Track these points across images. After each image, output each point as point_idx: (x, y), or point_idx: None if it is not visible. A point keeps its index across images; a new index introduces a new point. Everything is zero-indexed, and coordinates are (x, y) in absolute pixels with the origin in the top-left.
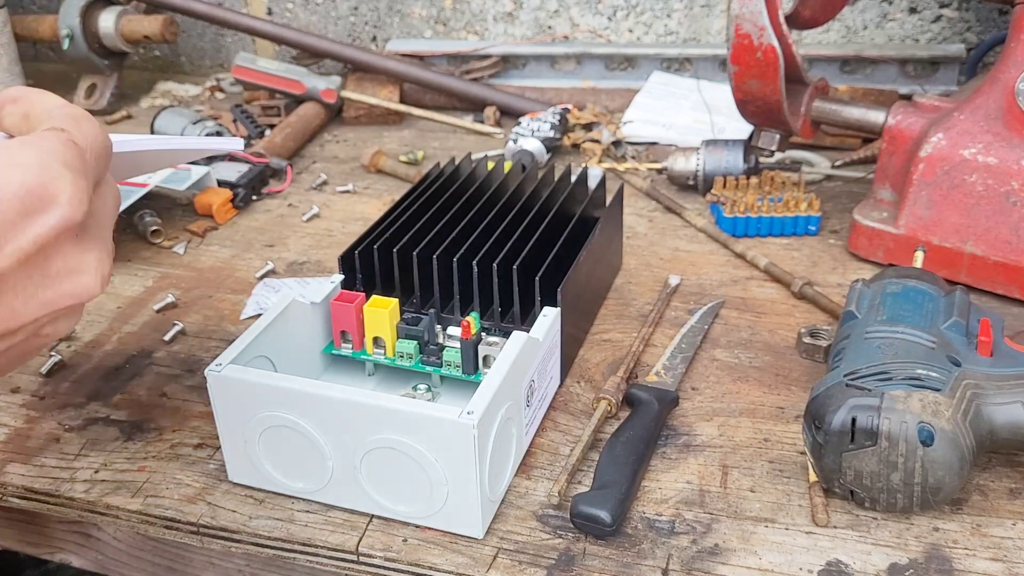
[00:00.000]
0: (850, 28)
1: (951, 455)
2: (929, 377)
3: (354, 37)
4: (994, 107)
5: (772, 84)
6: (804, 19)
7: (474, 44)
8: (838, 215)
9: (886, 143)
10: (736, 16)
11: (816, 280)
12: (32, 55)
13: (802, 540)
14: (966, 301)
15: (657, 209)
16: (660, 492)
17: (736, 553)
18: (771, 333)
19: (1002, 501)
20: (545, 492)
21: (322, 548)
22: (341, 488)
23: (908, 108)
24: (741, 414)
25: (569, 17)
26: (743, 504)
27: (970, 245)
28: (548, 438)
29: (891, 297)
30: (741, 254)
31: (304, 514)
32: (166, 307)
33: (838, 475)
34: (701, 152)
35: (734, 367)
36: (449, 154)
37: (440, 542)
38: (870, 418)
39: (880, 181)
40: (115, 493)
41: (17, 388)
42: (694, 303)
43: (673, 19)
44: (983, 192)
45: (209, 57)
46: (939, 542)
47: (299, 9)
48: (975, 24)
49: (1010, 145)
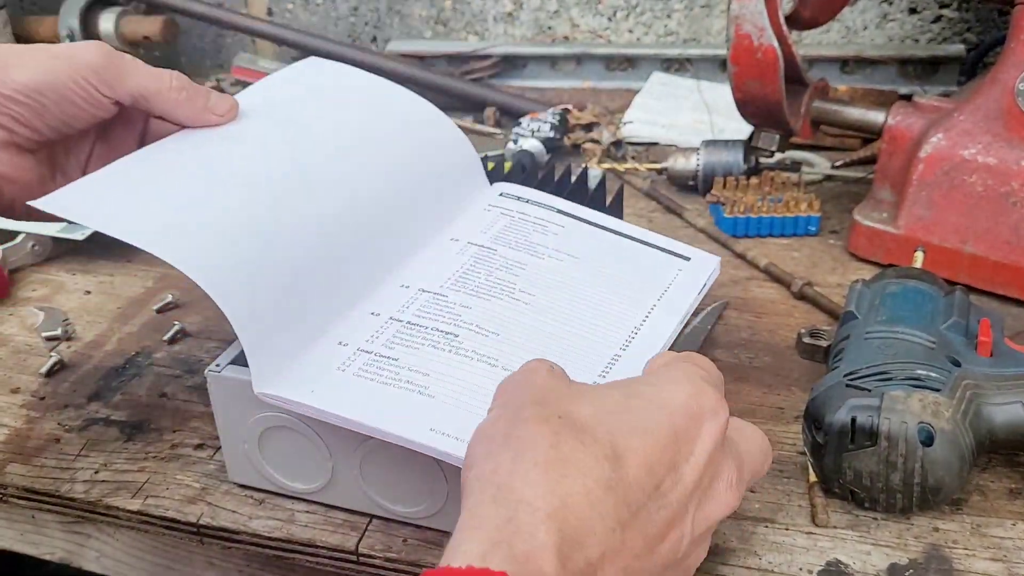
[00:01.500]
0: (850, 28)
1: (951, 455)
2: (929, 377)
3: (354, 37)
4: (994, 107)
5: (772, 84)
6: (804, 19)
7: (474, 45)
8: (838, 215)
9: (886, 143)
10: (736, 16)
11: (816, 280)
12: None
13: (802, 540)
14: (966, 301)
15: (657, 209)
16: None
17: (736, 553)
18: (771, 333)
19: (1002, 501)
20: None
21: (322, 548)
22: (341, 488)
23: (908, 108)
24: (741, 414)
25: (569, 18)
26: (743, 504)
27: (970, 245)
28: None
29: (891, 297)
30: (741, 254)
31: (304, 514)
32: (166, 307)
33: (838, 475)
34: (701, 152)
35: (734, 367)
36: None
37: (440, 542)
38: (870, 418)
39: (880, 181)
40: (115, 493)
41: (17, 388)
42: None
43: (673, 19)
44: (983, 192)
45: (209, 57)
46: (939, 542)
47: (299, 10)
48: (975, 24)
49: (1010, 145)
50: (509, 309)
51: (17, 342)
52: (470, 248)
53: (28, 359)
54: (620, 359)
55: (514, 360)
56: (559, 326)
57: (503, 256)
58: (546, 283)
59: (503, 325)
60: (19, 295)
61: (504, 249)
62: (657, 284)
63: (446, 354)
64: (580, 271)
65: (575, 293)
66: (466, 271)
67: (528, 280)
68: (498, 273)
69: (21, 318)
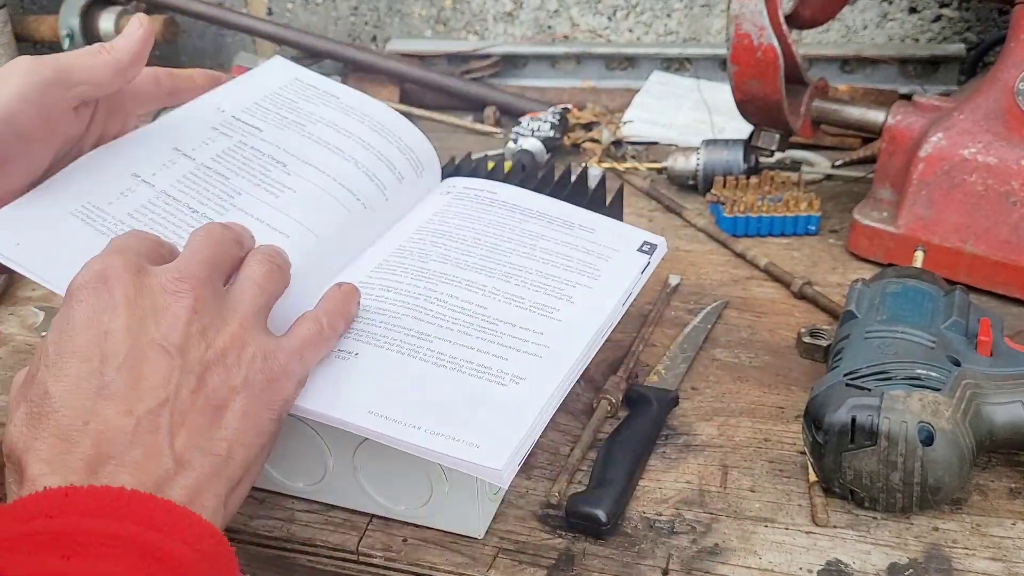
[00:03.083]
0: (850, 28)
1: (951, 455)
2: (929, 377)
3: (354, 37)
4: (994, 107)
5: (772, 84)
6: (804, 19)
7: (474, 44)
8: (838, 215)
9: (886, 143)
10: (736, 16)
11: (816, 280)
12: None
13: (802, 540)
14: (966, 301)
15: (657, 209)
16: (660, 492)
17: (736, 553)
18: (771, 333)
19: (1002, 501)
20: (545, 492)
21: (322, 548)
22: (341, 488)
23: (908, 108)
24: (741, 414)
25: (569, 17)
26: (743, 504)
27: (970, 245)
28: (548, 438)
29: (891, 297)
30: (741, 254)
31: (304, 514)
32: None
33: (838, 475)
34: (701, 152)
35: (734, 367)
36: (449, 154)
37: (440, 542)
38: (870, 418)
39: (880, 181)
40: None
41: None
42: (694, 303)
43: (673, 19)
44: (983, 192)
45: (209, 57)
46: (939, 542)
47: (299, 9)
48: (975, 24)
49: (1010, 145)
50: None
51: (17, 342)
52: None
53: (28, 359)
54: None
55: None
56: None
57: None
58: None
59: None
60: (19, 295)
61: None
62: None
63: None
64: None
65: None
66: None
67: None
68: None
69: (21, 318)
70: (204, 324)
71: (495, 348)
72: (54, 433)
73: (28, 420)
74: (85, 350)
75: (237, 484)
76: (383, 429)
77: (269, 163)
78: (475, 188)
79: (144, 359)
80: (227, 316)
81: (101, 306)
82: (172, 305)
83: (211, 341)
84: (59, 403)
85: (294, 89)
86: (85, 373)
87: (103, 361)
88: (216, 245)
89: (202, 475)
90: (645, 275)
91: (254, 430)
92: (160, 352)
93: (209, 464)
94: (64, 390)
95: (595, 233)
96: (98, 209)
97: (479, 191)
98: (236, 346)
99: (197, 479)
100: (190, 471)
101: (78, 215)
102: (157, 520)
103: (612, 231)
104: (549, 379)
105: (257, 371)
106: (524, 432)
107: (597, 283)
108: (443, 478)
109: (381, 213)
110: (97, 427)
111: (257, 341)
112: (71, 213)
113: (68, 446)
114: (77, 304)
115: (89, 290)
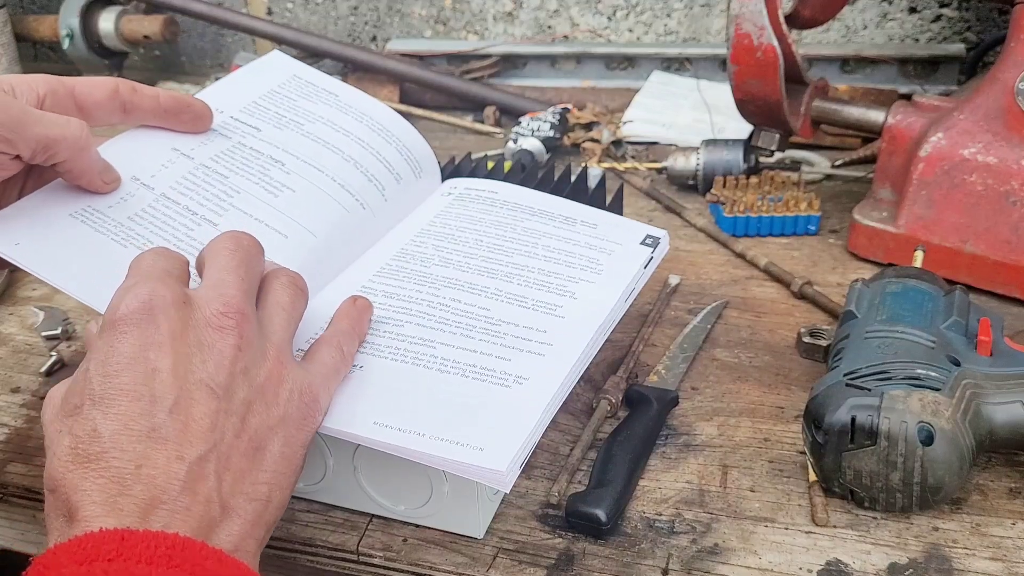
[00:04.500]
0: (850, 28)
1: (951, 455)
2: (929, 377)
3: (354, 37)
4: (994, 107)
5: (772, 84)
6: (804, 19)
7: (474, 44)
8: (838, 215)
9: (886, 143)
10: (736, 16)
11: (816, 280)
12: (32, 55)
13: (802, 540)
14: (966, 301)
15: (657, 209)
16: (660, 492)
17: (736, 553)
18: (771, 333)
19: (1002, 501)
20: (545, 492)
21: (322, 548)
22: (341, 488)
23: (908, 108)
24: (741, 414)
25: (569, 17)
26: (743, 504)
27: (970, 245)
28: (548, 438)
29: (891, 297)
30: (741, 254)
31: (304, 514)
32: None
33: (838, 475)
34: (701, 152)
35: (734, 367)
36: (449, 154)
37: (440, 542)
38: (870, 418)
39: (880, 181)
40: None
41: (17, 388)
42: (694, 303)
43: (673, 19)
44: (983, 192)
45: (209, 57)
46: (939, 542)
47: (299, 9)
48: (975, 24)
49: (1010, 145)
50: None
51: (17, 342)
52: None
53: (28, 359)
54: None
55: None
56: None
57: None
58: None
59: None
60: (19, 295)
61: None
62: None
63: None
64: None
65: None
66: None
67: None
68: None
69: (21, 318)
70: (247, 363)
71: (498, 350)
72: (105, 475)
73: (74, 457)
74: (134, 389)
75: (271, 527)
76: (389, 439)
77: (268, 163)
78: (476, 189)
79: (192, 401)
80: (266, 349)
81: (147, 341)
82: (218, 343)
83: (252, 379)
84: (109, 444)
85: (293, 86)
86: (135, 414)
87: (152, 402)
88: (246, 263)
89: (246, 522)
90: (649, 269)
91: (289, 468)
92: (208, 394)
93: (252, 511)
94: (114, 431)
95: (597, 228)
96: (98, 212)
97: (480, 191)
98: (274, 382)
99: (242, 526)
100: (235, 518)
101: (78, 216)
102: (209, 569)
103: (614, 226)
104: (552, 378)
105: (294, 408)
106: (527, 434)
107: (600, 278)
108: (443, 478)
109: (380, 214)
110: (149, 472)
111: (292, 376)
112: (71, 215)
113: (121, 488)
114: (121, 336)
115: (133, 322)
